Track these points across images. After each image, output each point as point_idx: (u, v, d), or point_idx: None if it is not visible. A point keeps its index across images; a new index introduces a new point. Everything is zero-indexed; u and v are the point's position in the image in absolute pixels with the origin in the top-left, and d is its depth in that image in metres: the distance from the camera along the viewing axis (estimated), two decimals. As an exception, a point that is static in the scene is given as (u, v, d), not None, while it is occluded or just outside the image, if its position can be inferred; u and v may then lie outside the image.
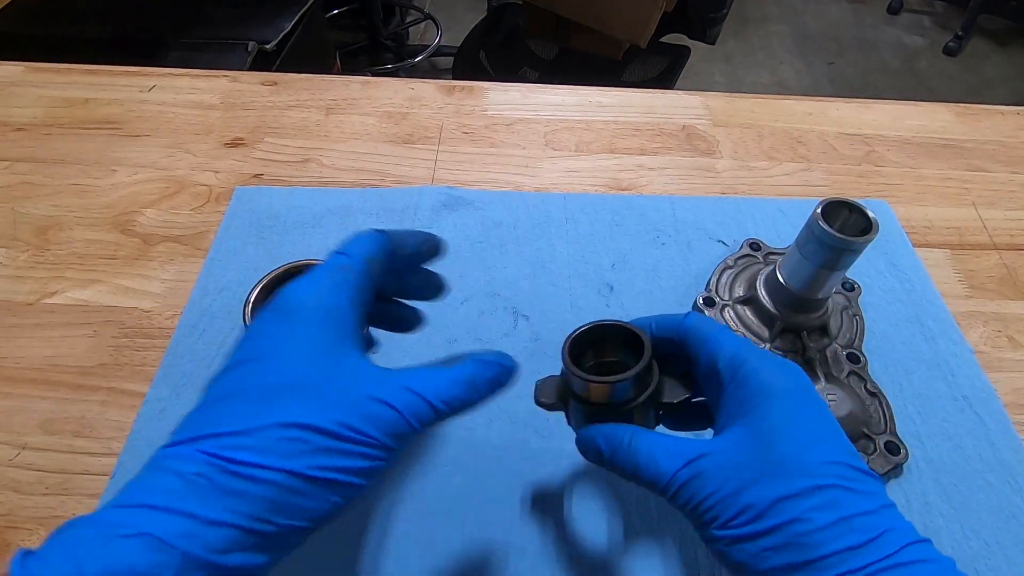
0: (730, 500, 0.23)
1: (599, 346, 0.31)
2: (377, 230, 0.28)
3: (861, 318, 0.43)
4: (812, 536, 0.21)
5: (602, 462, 0.27)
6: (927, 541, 0.22)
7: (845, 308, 0.43)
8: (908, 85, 2.22)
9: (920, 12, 2.57)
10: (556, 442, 0.37)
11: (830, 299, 0.41)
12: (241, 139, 0.55)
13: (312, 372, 0.22)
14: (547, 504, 0.35)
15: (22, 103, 0.58)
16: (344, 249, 0.26)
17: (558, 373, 0.32)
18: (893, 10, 2.53)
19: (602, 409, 0.29)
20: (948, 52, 2.33)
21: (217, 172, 0.53)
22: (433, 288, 0.32)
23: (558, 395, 0.31)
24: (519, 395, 0.39)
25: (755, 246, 0.47)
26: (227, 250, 0.46)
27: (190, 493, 0.19)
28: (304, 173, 0.53)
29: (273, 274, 0.37)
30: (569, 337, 0.30)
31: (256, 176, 0.52)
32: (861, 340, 0.42)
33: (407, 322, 0.32)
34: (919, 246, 0.50)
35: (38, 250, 0.46)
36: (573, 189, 0.53)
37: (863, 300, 0.44)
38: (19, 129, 0.55)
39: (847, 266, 0.37)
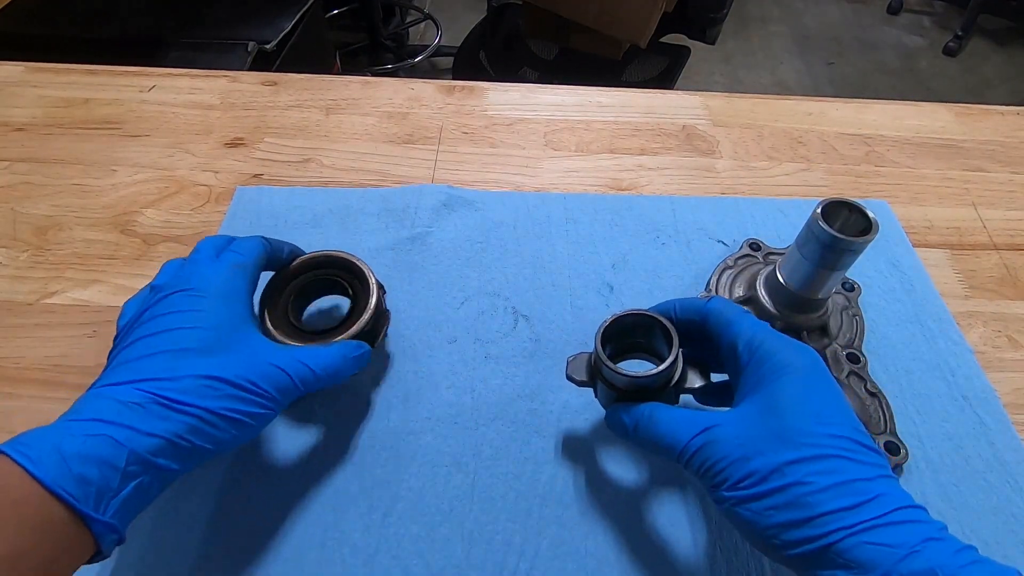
0: (739, 464, 0.26)
1: (630, 331, 0.33)
2: (263, 238, 0.35)
3: (861, 318, 0.43)
4: (812, 496, 0.24)
5: (627, 435, 0.30)
6: (921, 507, 0.24)
7: (845, 308, 0.43)
8: (908, 85, 2.22)
9: (920, 12, 2.57)
10: (556, 442, 0.37)
11: (830, 299, 0.41)
12: (241, 139, 0.55)
13: (222, 339, 0.28)
14: (547, 504, 0.35)
15: (22, 103, 0.58)
16: (238, 250, 0.32)
17: (588, 351, 0.35)
18: (893, 10, 2.53)
19: (629, 394, 0.32)
20: (948, 52, 2.33)
21: (217, 172, 0.53)
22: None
23: (588, 373, 0.34)
24: (519, 396, 0.39)
25: (755, 246, 0.47)
26: (227, 250, 0.46)
27: (131, 414, 0.25)
28: (304, 173, 0.53)
29: (288, 270, 0.37)
30: (603, 326, 0.32)
31: (256, 176, 0.52)
32: (861, 340, 0.42)
33: None
34: (919, 246, 0.50)
35: (38, 250, 0.46)
36: (573, 189, 0.53)
37: (863, 300, 0.44)
38: (19, 129, 0.55)
39: (847, 266, 0.37)
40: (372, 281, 0.37)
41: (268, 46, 0.98)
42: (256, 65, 0.97)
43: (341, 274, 0.38)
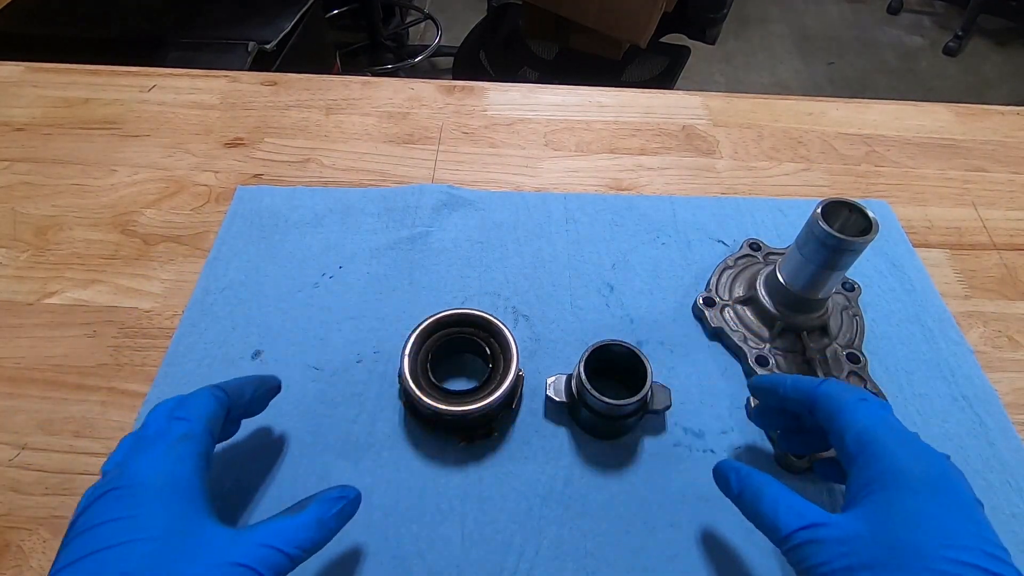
0: (843, 574, 0.23)
1: (608, 358, 0.37)
2: (214, 387, 0.30)
3: (861, 318, 0.43)
4: None
5: (729, 494, 0.30)
6: None
7: (845, 308, 0.43)
8: (908, 85, 2.22)
9: (920, 12, 2.56)
10: (556, 441, 0.37)
11: (830, 299, 0.41)
12: (241, 139, 0.55)
13: (165, 551, 0.23)
14: (547, 504, 0.35)
15: (22, 103, 0.58)
16: (184, 414, 0.28)
17: (567, 372, 0.39)
18: (893, 10, 2.53)
19: (605, 416, 0.36)
20: (948, 52, 2.33)
21: (217, 172, 0.52)
22: (260, 409, 0.34)
23: (567, 394, 0.38)
24: (520, 395, 0.39)
25: (755, 246, 0.47)
26: (229, 249, 0.46)
27: None
28: (304, 173, 0.53)
29: (424, 325, 0.37)
30: (586, 353, 0.36)
31: (256, 176, 0.52)
32: (861, 340, 0.42)
33: (226, 432, 0.34)
34: (919, 246, 0.50)
35: (38, 250, 0.46)
36: (573, 189, 0.53)
37: (863, 300, 0.44)
38: (19, 129, 0.55)
39: (847, 266, 0.37)
40: (513, 344, 0.37)
41: (268, 46, 0.98)
42: (256, 65, 0.97)
43: (479, 333, 0.38)
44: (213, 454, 0.28)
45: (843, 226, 0.36)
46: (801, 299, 0.40)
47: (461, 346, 0.39)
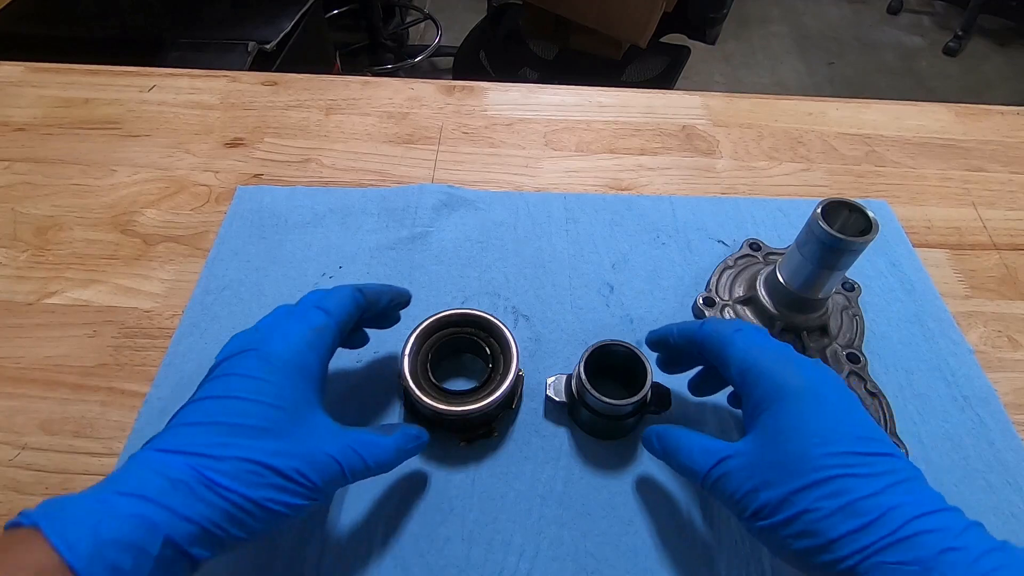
0: (751, 496, 0.26)
1: (608, 358, 0.37)
2: (356, 288, 0.33)
3: (861, 318, 0.43)
4: (822, 523, 0.24)
5: (654, 452, 0.33)
6: (938, 510, 0.24)
7: (845, 308, 0.43)
8: (908, 85, 2.22)
9: (920, 12, 2.56)
10: (556, 441, 0.37)
11: (830, 299, 0.41)
12: (241, 139, 0.55)
13: (280, 421, 0.26)
14: (547, 504, 0.35)
15: (22, 103, 0.58)
16: (324, 306, 0.31)
17: (567, 372, 0.39)
18: (893, 10, 2.53)
19: (606, 416, 0.36)
20: (948, 52, 2.33)
21: (217, 172, 0.52)
22: (389, 322, 0.38)
23: (567, 394, 0.38)
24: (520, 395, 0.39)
25: (755, 246, 0.47)
26: (229, 249, 0.46)
27: (174, 494, 0.23)
28: (304, 173, 0.53)
29: (424, 325, 0.38)
30: (587, 353, 0.36)
31: (256, 176, 0.52)
32: (861, 340, 0.42)
33: (356, 342, 0.38)
34: (919, 246, 0.50)
35: (38, 250, 0.46)
36: (573, 189, 0.53)
37: (863, 300, 0.44)
38: (19, 129, 0.55)
39: (847, 266, 0.37)
40: (513, 344, 0.37)
41: (268, 46, 0.98)
42: (256, 65, 0.96)
43: (479, 333, 0.38)
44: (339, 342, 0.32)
45: (843, 226, 0.36)
46: (801, 299, 0.39)
47: (461, 346, 0.39)
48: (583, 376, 0.35)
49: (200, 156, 0.54)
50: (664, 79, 1.30)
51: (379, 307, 0.35)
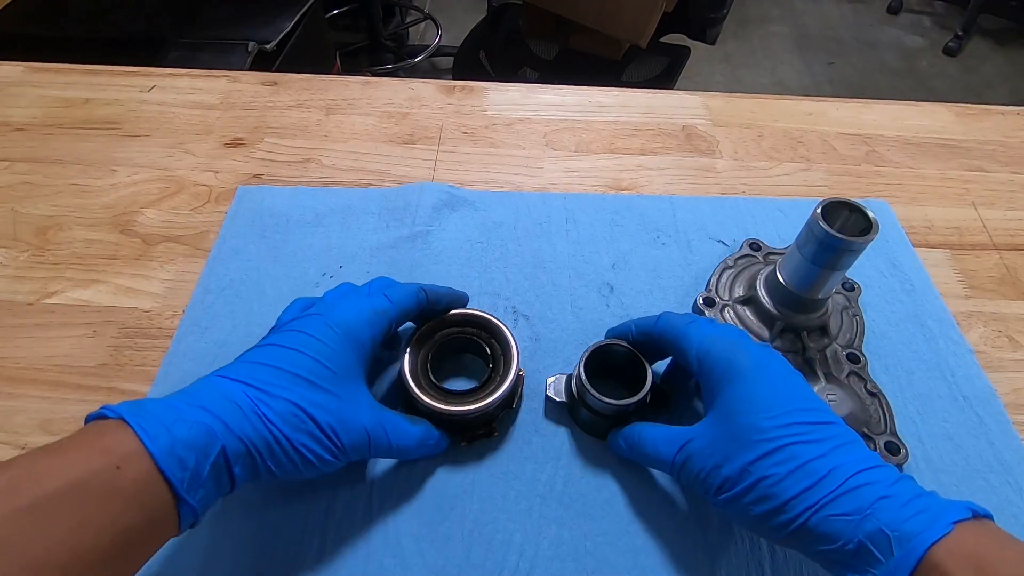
0: (714, 473, 0.29)
1: (606, 357, 0.37)
2: (421, 287, 0.36)
3: (861, 318, 0.43)
4: (776, 487, 0.27)
5: (623, 453, 0.35)
6: (874, 466, 0.27)
7: (845, 308, 0.43)
8: (908, 85, 2.22)
9: (920, 12, 2.57)
10: (556, 441, 0.37)
11: (830, 299, 0.41)
12: (241, 139, 0.55)
13: (329, 381, 0.30)
14: (547, 503, 0.35)
15: (22, 103, 0.58)
16: (389, 293, 0.34)
17: (567, 372, 0.39)
18: (893, 10, 2.53)
19: (607, 416, 0.36)
20: (948, 52, 2.33)
21: (217, 172, 0.53)
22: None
23: (567, 395, 0.38)
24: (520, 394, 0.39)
25: (755, 246, 0.47)
26: (229, 249, 0.46)
27: (231, 413, 0.27)
28: (304, 173, 0.53)
29: (426, 326, 0.38)
30: (586, 353, 0.36)
31: (256, 176, 0.52)
32: (861, 340, 0.42)
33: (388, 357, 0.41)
34: (919, 246, 0.50)
35: (38, 250, 0.46)
36: (573, 189, 0.53)
37: (863, 300, 0.44)
38: (19, 129, 0.55)
39: (847, 266, 0.37)
40: (514, 344, 0.37)
41: (268, 46, 0.98)
42: (256, 65, 0.97)
43: (480, 333, 0.38)
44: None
45: (843, 226, 0.36)
46: (801, 299, 0.39)
47: (462, 346, 0.39)
48: (583, 376, 0.35)
49: (200, 156, 0.54)
50: (664, 79, 1.30)
51: (438, 307, 0.37)
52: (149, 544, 0.25)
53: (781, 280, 0.40)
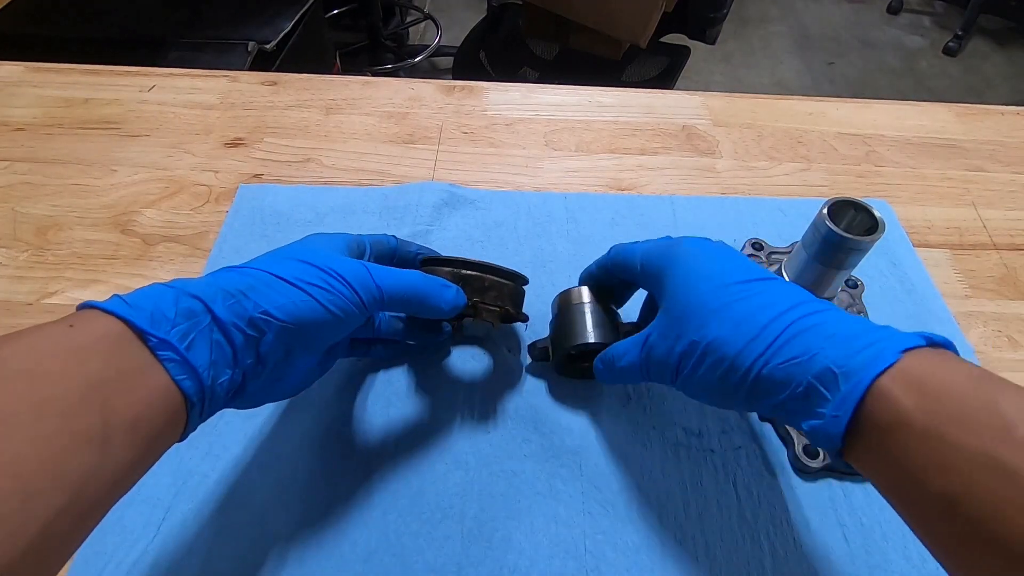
0: (671, 356, 0.29)
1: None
2: (395, 237, 0.37)
3: (866, 315, 0.43)
4: (724, 347, 0.27)
5: (605, 377, 0.35)
6: (821, 311, 0.26)
7: (850, 306, 0.43)
8: (908, 85, 2.22)
9: (920, 12, 2.57)
10: (556, 440, 0.37)
11: (835, 298, 0.41)
12: (241, 139, 0.55)
13: (322, 256, 0.30)
14: (547, 502, 0.35)
15: (22, 103, 0.58)
16: (362, 234, 0.35)
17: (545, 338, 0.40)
18: (893, 10, 2.53)
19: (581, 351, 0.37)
20: (948, 52, 2.33)
21: (217, 172, 0.53)
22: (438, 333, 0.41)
23: (547, 351, 0.39)
24: (519, 392, 0.39)
25: (757, 246, 0.47)
26: (230, 247, 0.46)
27: (202, 278, 0.27)
28: (304, 173, 0.53)
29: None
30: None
31: (256, 176, 0.52)
32: (862, 339, 0.42)
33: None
34: (919, 246, 0.50)
35: (38, 250, 0.46)
36: (573, 189, 0.53)
37: (864, 300, 0.44)
38: (19, 129, 0.55)
39: (853, 265, 0.37)
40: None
41: (268, 46, 0.98)
42: (256, 65, 0.96)
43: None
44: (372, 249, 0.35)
45: (849, 226, 0.36)
46: (802, 299, 0.39)
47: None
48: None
49: (200, 156, 0.54)
50: (664, 79, 1.30)
51: (410, 253, 0.38)
52: (134, 394, 0.22)
53: (787, 279, 0.40)
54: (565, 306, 0.38)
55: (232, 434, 0.37)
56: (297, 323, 0.27)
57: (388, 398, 0.39)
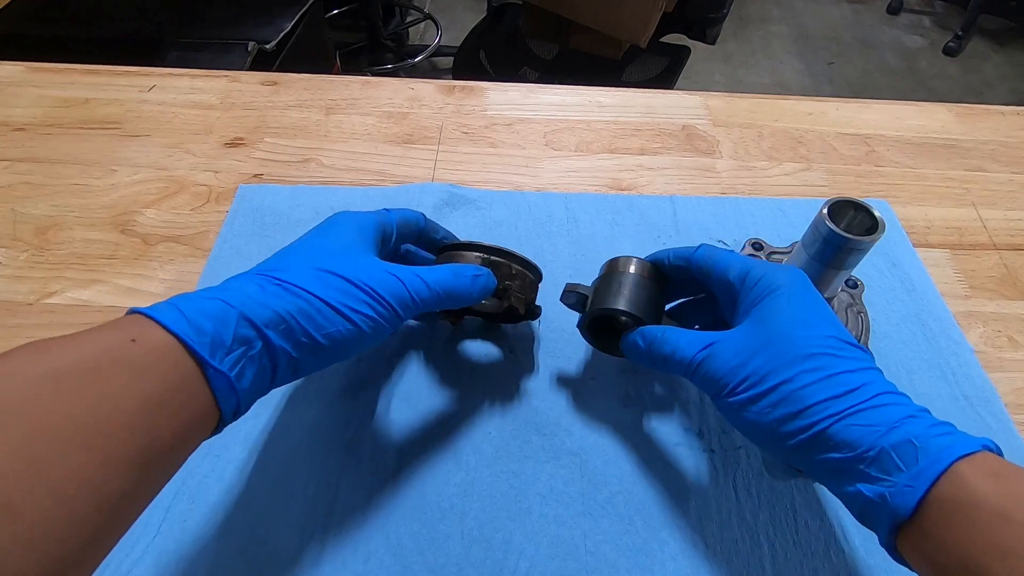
0: (736, 371, 0.29)
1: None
2: (424, 216, 0.37)
3: (866, 315, 0.43)
4: (801, 392, 0.27)
5: (640, 354, 0.34)
6: (903, 395, 0.27)
7: (850, 305, 0.43)
8: (908, 85, 2.22)
9: (920, 12, 2.57)
10: (556, 440, 0.37)
11: (835, 298, 0.41)
12: (241, 139, 0.55)
13: (344, 254, 0.30)
14: (547, 503, 0.35)
15: (22, 103, 0.58)
16: (390, 209, 0.35)
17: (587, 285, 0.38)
18: (893, 10, 2.53)
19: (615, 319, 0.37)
20: (948, 52, 2.33)
21: (217, 172, 0.52)
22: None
23: (585, 301, 0.37)
24: (520, 393, 0.39)
25: (757, 245, 0.47)
26: (230, 248, 0.46)
27: (247, 287, 0.27)
28: (304, 173, 0.53)
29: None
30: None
31: (256, 176, 0.52)
32: (867, 336, 0.42)
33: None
34: (919, 246, 0.50)
35: (38, 250, 0.46)
36: (573, 189, 0.53)
37: (864, 300, 0.44)
38: (19, 129, 0.55)
39: (853, 265, 0.37)
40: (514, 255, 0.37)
41: (268, 46, 0.98)
42: (256, 65, 0.96)
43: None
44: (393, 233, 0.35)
45: (849, 226, 0.36)
46: (802, 299, 0.39)
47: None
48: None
49: (200, 156, 0.54)
50: (664, 79, 1.30)
51: (436, 236, 0.38)
52: (178, 417, 0.23)
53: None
54: (623, 269, 0.36)
55: (232, 434, 0.37)
56: (338, 345, 0.28)
57: (388, 399, 0.39)
